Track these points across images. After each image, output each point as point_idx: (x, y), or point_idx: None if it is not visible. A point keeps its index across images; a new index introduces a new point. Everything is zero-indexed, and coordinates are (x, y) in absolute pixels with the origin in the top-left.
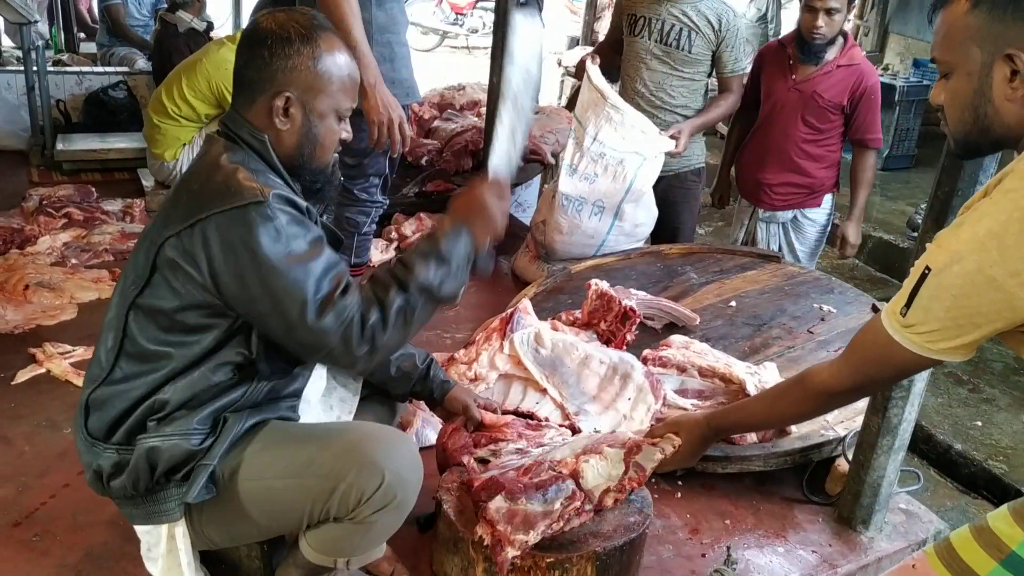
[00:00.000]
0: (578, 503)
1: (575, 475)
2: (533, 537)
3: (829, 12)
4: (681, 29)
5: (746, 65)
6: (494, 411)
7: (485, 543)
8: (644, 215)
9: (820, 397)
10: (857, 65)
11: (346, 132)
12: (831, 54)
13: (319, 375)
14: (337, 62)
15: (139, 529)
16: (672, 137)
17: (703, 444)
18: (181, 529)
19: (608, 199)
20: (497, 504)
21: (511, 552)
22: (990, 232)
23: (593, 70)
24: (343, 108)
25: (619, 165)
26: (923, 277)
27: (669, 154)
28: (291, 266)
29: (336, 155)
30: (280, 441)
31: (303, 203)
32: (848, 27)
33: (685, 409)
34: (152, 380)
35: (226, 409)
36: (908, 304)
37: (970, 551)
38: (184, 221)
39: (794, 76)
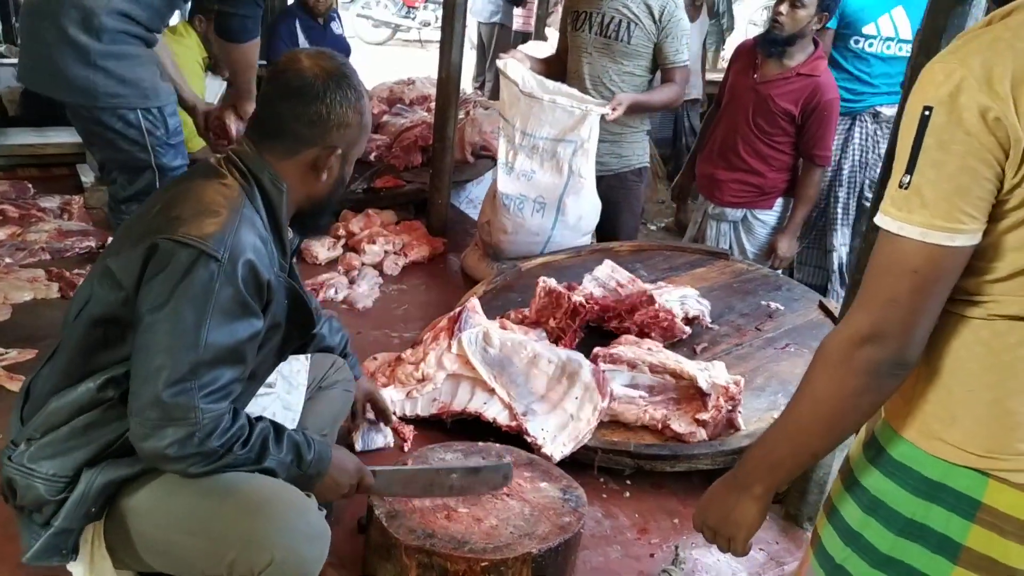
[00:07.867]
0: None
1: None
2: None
3: (794, 4)
4: (621, 21)
5: (687, 58)
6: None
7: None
8: (586, 207)
9: (844, 352)
10: (816, 77)
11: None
12: (796, 60)
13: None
14: (369, 107)
15: None
16: (612, 109)
17: (736, 501)
18: (100, 551)
19: (548, 194)
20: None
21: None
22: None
23: (510, 65)
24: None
25: (552, 158)
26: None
27: (603, 118)
28: (189, 333)
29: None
30: (180, 486)
31: (267, 278)
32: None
33: (633, 399)
34: (51, 385)
35: (99, 455)
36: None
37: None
38: (140, 240)
39: (756, 75)
